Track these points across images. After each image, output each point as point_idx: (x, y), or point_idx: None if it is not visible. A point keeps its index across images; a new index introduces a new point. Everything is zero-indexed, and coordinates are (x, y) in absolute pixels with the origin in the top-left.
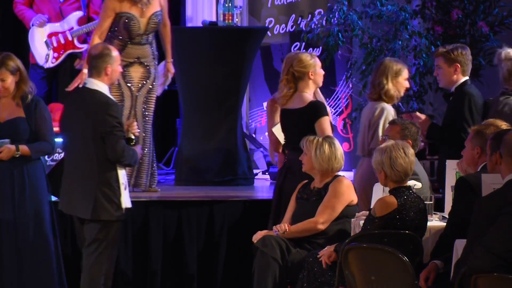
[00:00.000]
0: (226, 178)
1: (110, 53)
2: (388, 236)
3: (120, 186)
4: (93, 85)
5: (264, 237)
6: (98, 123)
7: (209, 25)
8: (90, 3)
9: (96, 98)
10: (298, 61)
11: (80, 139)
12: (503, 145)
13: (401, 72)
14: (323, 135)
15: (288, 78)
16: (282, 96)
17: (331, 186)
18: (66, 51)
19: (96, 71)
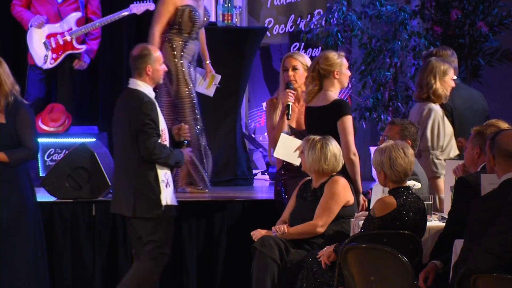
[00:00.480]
0: (225, 178)
1: (150, 53)
2: (387, 236)
3: (159, 183)
4: (135, 85)
5: (263, 237)
6: (133, 120)
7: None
8: (88, 4)
9: (133, 97)
10: (325, 59)
11: (121, 138)
12: (495, 146)
13: (448, 72)
14: (344, 134)
15: (313, 75)
16: (307, 93)
17: (327, 186)
18: (64, 52)
19: (137, 71)
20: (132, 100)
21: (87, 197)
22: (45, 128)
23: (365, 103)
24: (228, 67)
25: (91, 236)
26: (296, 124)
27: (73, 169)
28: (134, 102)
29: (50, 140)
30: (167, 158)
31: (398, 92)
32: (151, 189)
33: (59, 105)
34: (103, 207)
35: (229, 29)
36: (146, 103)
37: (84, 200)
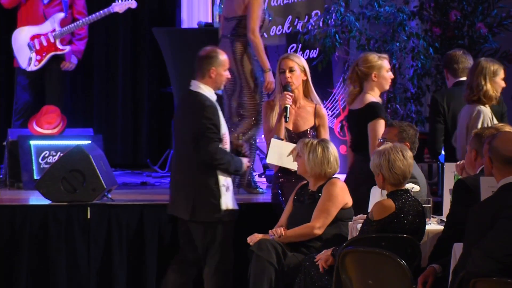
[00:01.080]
0: None
1: (217, 55)
2: (385, 239)
3: (220, 187)
4: (196, 87)
5: (259, 241)
6: (194, 124)
7: (205, 26)
8: (74, 4)
9: (194, 100)
10: (363, 61)
11: (182, 141)
12: (492, 151)
13: (498, 72)
14: (371, 137)
15: (352, 76)
16: (348, 94)
17: (325, 189)
18: (48, 53)
19: (201, 72)
20: (194, 103)
21: (82, 200)
22: (39, 131)
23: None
24: None
25: (86, 239)
26: (293, 127)
27: (68, 171)
28: (196, 105)
29: (45, 143)
30: (228, 164)
31: (397, 94)
32: (212, 193)
33: (53, 107)
34: (98, 210)
35: None
36: (208, 107)
37: (79, 203)
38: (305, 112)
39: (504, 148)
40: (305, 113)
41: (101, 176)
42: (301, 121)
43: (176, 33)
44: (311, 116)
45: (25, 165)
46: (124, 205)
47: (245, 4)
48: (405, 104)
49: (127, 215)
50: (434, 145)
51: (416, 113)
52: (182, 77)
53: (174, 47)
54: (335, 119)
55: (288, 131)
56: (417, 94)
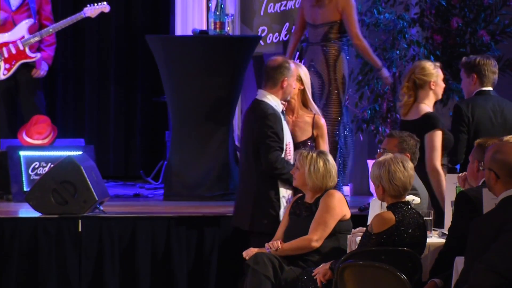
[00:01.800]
0: (217, 193)
1: (289, 66)
2: (385, 253)
3: (280, 199)
4: (263, 97)
5: (256, 254)
6: (255, 132)
7: (200, 34)
8: (41, 10)
9: (257, 109)
10: (421, 69)
11: (245, 151)
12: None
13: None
14: (428, 148)
15: (408, 85)
16: (402, 105)
17: (322, 200)
18: (18, 61)
19: (272, 82)
20: (256, 111)
21: (73, 213)
22: (29, 141)
23: (362, 114)
24: (220, 77)
25: (77, 253)
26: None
27: (59, 183)
28: (258, 113)
29: (35, 153)
30: (289, 175)
31: (397, 103)
32: (271, 205)
33: (44, 117)
34: (89, 223)
35: (220, 37)
36: (270, 115)
37: (70, 215)
38: (303, 122)
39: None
40: (303, 123)
41: (92, 187)
42: (299, 132)
43: (170, 41)
44: (309, 126)
45: (15, 177)
46: (117, 218)
47: (339, 10)
48: None
49: (120, 227)
50: (456, 156)
51: None
52: (177, 86)
53: (168, 55)
54: None
55: None
56: None
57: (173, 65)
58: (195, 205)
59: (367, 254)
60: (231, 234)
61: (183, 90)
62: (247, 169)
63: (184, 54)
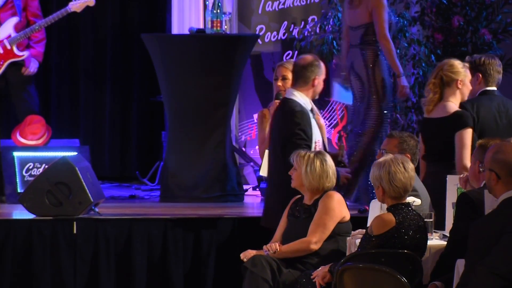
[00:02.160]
0: (214, 194)
1: (320, 64)
2: (385, 255)
3: None
4: (291, 95)
5: (254, 257)
6: (282, 130)
7: (196, 33)
8: (28, 6)
9: (286, 106)
10: (450, 66)
11: (273, 149)
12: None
13: None
14: (459, 147)
15: (435, 82)
16: (427, 101)
17: (321, 202)
18: (6, 61)
19: (303, 80)
20: (284, 109)
21: (68, 214)
22: (23, 142)
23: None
24: (217, 77)
25: (72, 255)
26: None
27: (53, 184)
28: (285, 111)
29: (29, 154)
30: None
31: (397, 103)
32: None
33: (38, 117)
34: (84, 225)
35: (218, 36)
36: (297, 112)
37: (65, 217)
38: None
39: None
40: None
41: (87, 189)
42: None
43: (167, 40)
44: None
45: (8, 178)
46: (112, 220)
47: (369, 11)
48: (405, 113)
49: (115, 229)
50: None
51: (418, 123)
52: (173, 85)
53: (165, 54)
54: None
55: None
56: (418, 103)
57: (169, 64)
58: (192, 207)
59: (367, 256)
60: (229, 236)
61: (179, 90)
62: (276, 168)
63: (180, 53)
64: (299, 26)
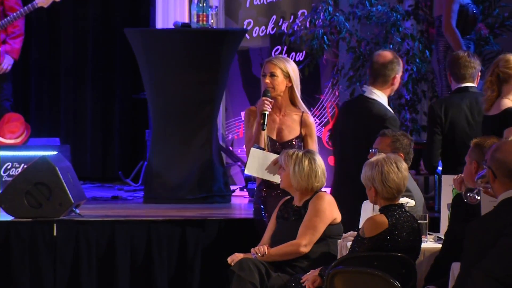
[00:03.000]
0: (200, 195)
1: (399, 61)
2: (378, 258)
3: None
4: (372, 94)
5: (241, 260)
6: (372, 136)
7: (182, 27)
8: (5, 0)
9: (372, 110)
10: (505, 62)
11: (352, 149)
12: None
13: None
14: None
15: (492, 79)
16: (485, 100)
17: (311, 203)
18: None
19: (383, 79)
20: (371, 112)
21: (48, 216)
22: (1, 140)
23: None
24: (203, 73)
25: (52, 259)
26: (277, 136)
27: (32, 185)
28: (374, 116)
29: (7, 153)
30: None
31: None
32: None
33: (16, 115)
34: (65, 227)
35: (204, 31)
36: (390, 118)
37: (45, 219)
38: (291, 121)
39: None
40: (290, 121)
41: (68, 190)
42: (286, 130)
43: (151, 34)
44: (297, 125)
45: None
46: (94, 222)
47: (441, 3)
48: (399, 111)
49: (97, 232)
50: (430, 159)
51: (411, 121)
52: (157, 82)
53: (149, 49)
54: (323, 128)
55: (272, 141)
56: (412, 100)
57: (153, 60)
58: (176, 208)
59: (359, 259)
60: (215, 239)
61: (164, 87)
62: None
63: (165, 49)
64: (288, 20)
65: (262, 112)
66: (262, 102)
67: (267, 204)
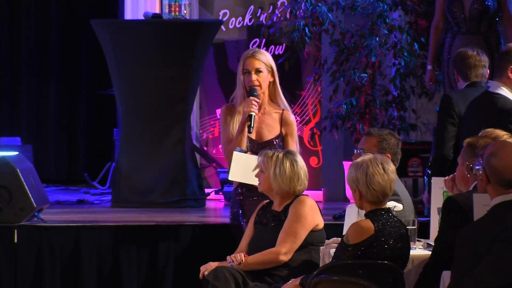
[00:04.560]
0: (172, 199)
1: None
2: (363, 267)
3: None
4: (496, 88)
5: (216, 268)
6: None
7: (152, 18)
8: None
9: (496, 106)
10: None
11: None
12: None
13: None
14: None
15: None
16: None
17: (292, 208)
18: None
19: (498, 72)
20: (495, 109)
21: (8, 222)
22: None
23: (337, 110)
24: (176, 68)
25: (13, 267)
26: (256, 136)
27: None
28: (501, 111)
29: None
30: None
31: (376, 97)
32: None
33: None
34: (27, 233)
35: (176, 22)
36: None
37: (5, 225)
38: (271, 119)
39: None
40: (270, 120)
41: (30, 193)
42: (266, 129)
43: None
44: (277, 123)
45: None
46: (58, 227)
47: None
48: (385, 108)
49: (61, 238)
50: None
51: (399, 119)
52: (126, 77)
53: (117, 42)
54: (305, 127)
55: (251, 141)
56: (399, 97)
57: (122, 54)
58: (147, 213)
59: (343, 268)
60: (188, 246)
61: (133, 82)
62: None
63: (134, 41)
64: (267, 11)
65: (249, 113)
66: (250, 102)
67: (245, 209)
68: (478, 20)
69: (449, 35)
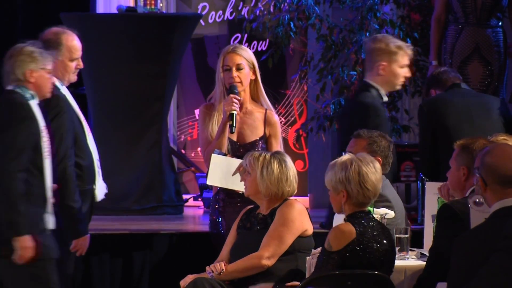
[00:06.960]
0: (148, 205)
1: None
2: (352, 277)
3: None
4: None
5: (195, 280)
6: None
7: (126, 12)
8: None
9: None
10: None
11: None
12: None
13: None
14: None
15: None
16: None
17: (279, 211)
18: None
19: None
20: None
21: None
22: None
23: (325, 110)
24: (151, 65)
25: None
26: (238, 137)
27: None
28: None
29: None
30: None
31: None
32: None
33: None
34: None
35: (152, 16)
36: None
37: None
38: (253, 119)
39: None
40: (252, 120)
41: None
42: (248, 130)
43: (90, 20)
44: (260, 123)
45: None
46: None
47: None
48: None
49: None
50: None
51: (391, 120)
52: (98, 75)
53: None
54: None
55: (232, 142)
56: (391, 96)
57: (93, 50)
58: (121, 221)
59: (330, 278)
60: (165, 256)
61: (106, 81)
62: None
63: (107, 36)
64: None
65: (230, 112)
66: (230, 100)
67: (226, 216)
68: (490, 11)
69: (452, 28)
